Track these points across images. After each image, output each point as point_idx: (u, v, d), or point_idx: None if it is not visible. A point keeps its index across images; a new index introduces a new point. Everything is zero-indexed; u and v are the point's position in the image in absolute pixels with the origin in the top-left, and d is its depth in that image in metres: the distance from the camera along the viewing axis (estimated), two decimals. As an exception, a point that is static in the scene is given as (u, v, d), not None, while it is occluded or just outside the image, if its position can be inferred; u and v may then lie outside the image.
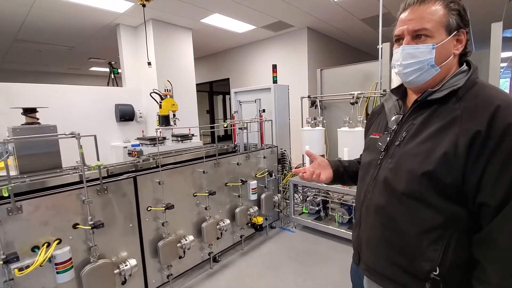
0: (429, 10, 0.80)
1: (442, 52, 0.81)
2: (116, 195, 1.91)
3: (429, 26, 0.79)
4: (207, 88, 8.48)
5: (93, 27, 5.05)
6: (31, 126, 2.21)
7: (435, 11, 0.80)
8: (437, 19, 0.79)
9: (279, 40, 6.10)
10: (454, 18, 0.80)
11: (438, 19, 0.79)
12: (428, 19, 0.80)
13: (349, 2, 4.39)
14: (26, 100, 3.69)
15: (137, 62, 5.18)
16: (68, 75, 9.74)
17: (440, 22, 0.80)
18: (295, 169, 1.14)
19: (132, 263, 1.90)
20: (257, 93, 3.91)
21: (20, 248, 1.50)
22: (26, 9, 4.13)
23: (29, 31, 5.10)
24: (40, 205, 1.57)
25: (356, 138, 2.85)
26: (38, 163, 2.19)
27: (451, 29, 0.80)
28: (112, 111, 4.72)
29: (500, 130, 0.68)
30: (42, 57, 7.25)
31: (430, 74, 0.83)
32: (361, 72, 3.45)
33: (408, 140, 0.84)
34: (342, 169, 1.17)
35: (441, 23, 0.80)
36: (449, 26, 0.80)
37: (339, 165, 1.18)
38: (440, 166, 0.73)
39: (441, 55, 0.81)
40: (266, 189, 3.15)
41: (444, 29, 0.80)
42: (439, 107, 0.82)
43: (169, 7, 4.32)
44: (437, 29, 0.80)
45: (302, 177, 1.11)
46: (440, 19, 0.80)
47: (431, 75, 0.83)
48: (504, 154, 0.68)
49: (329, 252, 2.82)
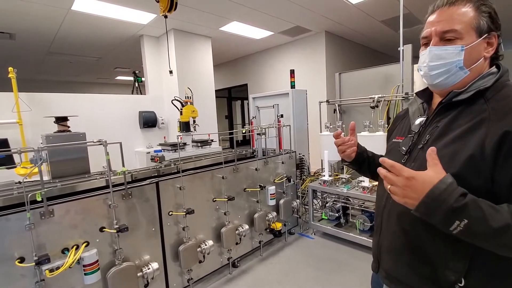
0: (459, 12, 0.78)
1: (472, 54, 0.79)
2: (140, 199, 1.98)
3: (458, 27, 0.77)
4: (226, 94, 8.63)
5: (119, 38, 5.32)
6: (63, 134, 2.36)
7: (465, 13, 0.78)
8: (467, 20, 0.78)
9: (297, 45, 6.11)
10: (485, 21, 0.78)
11: (468, 21, 0.78)
12: (458, 20, 0.78)
13: (368, 3, 4.32)
14: (58, 109, 3.93)
15: (159, 70, 5.38)
16: (96, 84, 10.28)
17: (470, 24, 0.78)
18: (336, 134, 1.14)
19: (155, 267, 1.95)
20: (275, 98, 3.93)
21: (51, 250, 1.59)
22: (58, 23, 4.42)
23: (60, 44, 5.45)
24: (70, 209, 1.67)
25: (377, 142, 2.78)
26: (68, 169, 2.33)
27: (481, 31, 0.78)
28: (136, 118, 4.92)
29: None
30: (72, 68, 7.71)
31: (458, 77, 0.81)
32: (381, 75, 3.38)
33: (432, 143, 0.82)
34: (365, 155, 1.17)
35: (471, 25, 0.78)
36: (480, 28, 0.78)
37: (364, 151, 1.18)
38: (466, 169, 0.71)
39: (471, 57, 0.79)
40: (285, 195, 3.14)
41: (474, 31, 0.78)
42: (465, 109, 0.79)
43: (189, 17, 4.47)
44: (467, 30, 0.78)
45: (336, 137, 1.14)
46: (470, 21, 0.78)
47: (460, 77, 0.81)
48: None
49: (349, 260, 2.76)
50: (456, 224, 0.64)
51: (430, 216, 0.67)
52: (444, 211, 0.64)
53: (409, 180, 0.68)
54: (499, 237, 0.64)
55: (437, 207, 0.65)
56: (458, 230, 0.64)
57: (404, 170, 0.68)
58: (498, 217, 0.63)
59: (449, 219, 0.65)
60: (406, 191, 0.68)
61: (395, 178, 0.69)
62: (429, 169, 0.69)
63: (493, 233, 0.63)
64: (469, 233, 0.65)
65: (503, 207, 0.65)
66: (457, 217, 0.64)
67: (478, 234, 0.65)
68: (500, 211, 0.64)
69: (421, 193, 0.66)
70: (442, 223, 0.66)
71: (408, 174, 0.68)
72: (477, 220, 0.63)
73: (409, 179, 0.67)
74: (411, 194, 0.68)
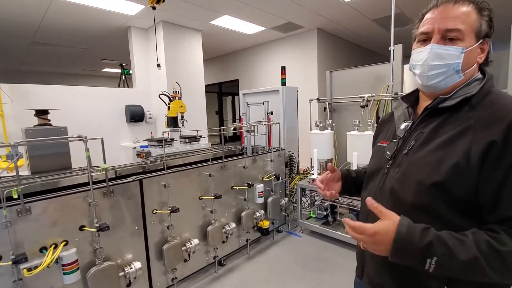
0: (463, 10, 0.75)
1: (469, 58, 0.77)
2: (122, 197, 1.92)
3: (462, 27, 0.75)
4: (216, 89, 8.52)
5: (106, 29, 5.15)
6: (42, 127, 2.26)
7: (469, 13, 0.75)
8: (470, 22, 0.75)
9: (289, 41, 6.07)
10: (485, 25, 0.76)
11: (471, 22, 0.75)
12: (462, 20, 0.75)
13: (360, 2, 4.31)
14: (42, 101, 3.79)
15: (147, 63, 5.25)
16: (82, 76, 9.99)
17: (472, 26, 0.75)
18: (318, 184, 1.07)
19: (137, 266, 1.90)
20: (265, 95, 3.89)
21: (28, 248, 1.53)
22: (42, 12, 4.24)
23: (44, 33, 5.24)
24: (48, 207, 1.59)
25: (366, 142, 2.78)
26: (48, 164, 2.24)
27: (480, 35, 0.76)
28: (123, 111, 4.80)
29: None
30: (58, 59, 7.45)
31: (453, 80, 0.79)
32: (372, 74, 3.38)
33: (417, 149, 0.81)
34: (350, 179, 1.12)
35: (473, 27, 0.75)
36: (480, 32, 0.76)
37: (348, 175, 1.13)
38: (451, 177, 0.70)
39: (468, 61, 0.77)
40: (273, 193, 3.12)
41: (474, 34, 0.76)
42: (451, 116, 0.78)
43: (179, 9, 4.36)
44: (469, 32, 0.75)
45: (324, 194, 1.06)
46: (473, 23, 0.75)
47: (454, 81, 0.79)
48: None
49: (336, 258, 2.77)
50: (429, 263, 0.65)
51: (405, 260, 0.68)
52: (414, 251, 0.65)
53: (374, 237, 0.69)
54: (471, 270, 0.64)
55: (407, 249, 0.66)
56: (432, 268, 0.65)
57: (366, 229, 0.69)
58: (464, 250, 0.64)
59: (421, 259, 0.65)
60: (376, 246, 0.70)
61: (361, 237, 0.70)
62: (382, 218, 0.70)
63: (464, 266, 0.64)
64: (443, 269, 0.65)
65: (468, 236, 0.66)
66: (427, 256, 0.65)
67: (451, 269, 0.65)
68: (465, 242, 0.65)
69: (388, 243, 0.67)
70: (417, 264, 0.66)
71: (371, 231, 0.68)
72: (445, 257, 0.64)
73: (373, 235, 0.68)
74: (381, 247, 0.69)
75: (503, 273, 0.64)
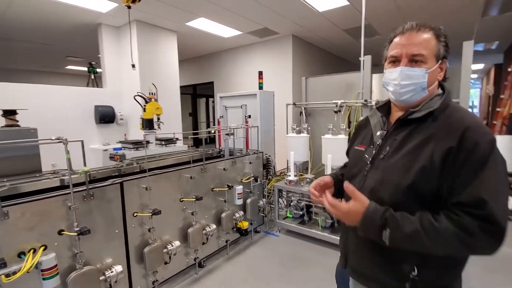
0: (425, 38, 0.91)
1: (431, 77, 0.93)
2: (102, 200, 1.87)
3: (425, 52, 0.91)
4: (191, 90, 8.41)
5: (73, 25, 4.88)
6: (11, 128, 2.12)
7: (430, 40, 0.91)
8: (431, 47, 0.91)
9: (265, 46, 6.20)
10: (442, 49, 0.93)
11: (431, 48, 0.92)
12: (425, 46, 0.91)
13: (333, 12, 4.55)
14: (3, 100, 3.51)
15: (119, 63, 5.06)
16: (44, 73, 9.30)
17: (432, 51, 0.92)
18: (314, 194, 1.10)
19: (118, 270, 1.87)
20: (242, 98, 3.96)
21: (6, 254, 1.46)
22: (4, 6, 3.94)
23: (3, 28, 4.84)
24: (26, 211, 1.53)
25: (339, 145, 2.97)
26: (17, 167, 2.11)
27: (439, 57, 0.93)
28: (92, 112, 4.58)
29: (469, 147, 0.80)
30: (15, 54, 6.89)
31: (420, 96, 0.94)
32: (343, 82, 3.60)
33: (391, 154, 0.95)
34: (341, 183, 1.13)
35: (433, 51, 0.92)
36: (438, 55, 0.93)
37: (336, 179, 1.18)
38: (419, 178, 0.85)
39: (431, 79, 0.93)
40: (252, 194, 3.19)
41: (434, 57, 0.92)
42: (418, 125, 0.93)
43: (154, 9, 4.28)
44: (430, 56, 0.91)
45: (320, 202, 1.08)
46: (433, 48, 0.92)
47: (421, 96, 0.94)
48: (472, 164, 0.79)
49: (312, 255, 2.90)
50: (385, 235, 0.84)
51: (369, 233, 0.88)
52: (375, 226, 0.85)
53: (347, 213, 0.90)
54: (415, 240, 0.81)
55: (370, 224, 0.86)
56: (387, 239, 0.83)
57: (342, 207, 0.90)
58: (408, 224, 0.81)
59: (380, 232, 0.85)
60: (348, 218, 0.91)
61: (337, 212, 0.92)
62: (355, 200, 0.89)
63: (409, 236, 0.81)
64: (394, 240, 0.83)
65: (416, 216, 0.83)
66: (383, 228, 0.84)
67: (400, 240, 0.83)
68: (411, 219, 0.83)
69: (357, 219, 0.88)
70: (377, 236, 0.86)
71: (345, 209, 0.89)
72: (395, 229, 0.82)
73: (347, 213, 0.90)
74: (351, 220, 0.90)
75: (438, 244, 0.80)
